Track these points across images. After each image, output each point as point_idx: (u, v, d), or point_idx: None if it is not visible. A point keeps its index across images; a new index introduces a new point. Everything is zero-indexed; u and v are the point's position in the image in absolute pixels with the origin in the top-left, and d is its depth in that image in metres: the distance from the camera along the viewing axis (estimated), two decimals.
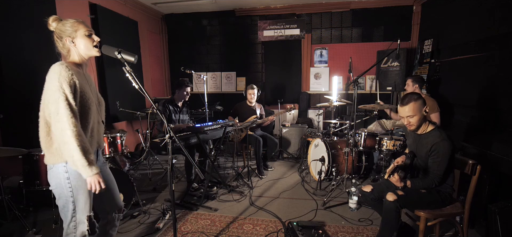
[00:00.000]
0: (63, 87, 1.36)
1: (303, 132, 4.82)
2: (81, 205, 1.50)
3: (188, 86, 3.45)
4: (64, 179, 1.46)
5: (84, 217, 1.51)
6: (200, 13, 5.78)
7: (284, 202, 3.13)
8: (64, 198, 1.48)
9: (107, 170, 1.74)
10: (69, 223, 1.51)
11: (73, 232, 1.52)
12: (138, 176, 3.97)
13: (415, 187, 1.99)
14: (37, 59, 3.15)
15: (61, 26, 1.48)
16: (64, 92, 1.36)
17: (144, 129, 4.50)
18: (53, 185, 1.49)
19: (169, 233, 2.50)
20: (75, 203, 1.49)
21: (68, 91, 1.36)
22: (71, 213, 1.49)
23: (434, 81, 4.09)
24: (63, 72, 1.37)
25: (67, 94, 1.36)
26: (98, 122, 1.59)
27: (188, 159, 1.91)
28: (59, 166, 1.46)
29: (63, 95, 1.35)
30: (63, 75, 1.37)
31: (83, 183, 1.47)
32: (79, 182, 1.47)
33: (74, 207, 1.49)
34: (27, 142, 2.71)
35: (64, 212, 1.51)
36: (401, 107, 2.00)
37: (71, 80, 1.39)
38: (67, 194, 1.47)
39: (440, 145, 1.90)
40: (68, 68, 1.40)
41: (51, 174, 1.49)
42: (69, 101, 1.36)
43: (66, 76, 1.37)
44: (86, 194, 1.50)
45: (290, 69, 5.77)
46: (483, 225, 2.32)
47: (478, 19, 3.28)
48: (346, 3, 5.19)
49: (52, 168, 1.48)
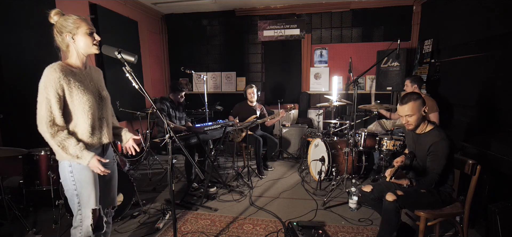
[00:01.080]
0: (47, 91, 1.41)
1: (303, 132, 4.82)
2: (85, 198, 1.56)
3: (182, 90, 3.52)
4: (68, 173, 1.53)
5: (88, 211, 1.57)
6: (200, 13, 5.77)
7: (284, 202, 3.13)
8: (70, 191, 1.56)
9: (113, 167, 1.80)
10: (76, 215, 1.59)
11: (79, 225, 1.59)
12: (138, 176, 3.97)
13: (415, 186, 1.99)
14: (37, 59, 3.15)
15: (63, 20, 1.48)
16: (47, 97, 1.41)
17: (144, 129, 4.50)
18: (61, 179, 1.58)
19: (169, 233, 2.50)
20: (79, 196, 1.55)
21: (51, 95, 1.41)
22: (77, 206, 1.57)
23: (434, 81, 4.09)
24: (50, 75, 1.41)
25: (50, 98, 1.41)
26: (99, 118, 1.60)
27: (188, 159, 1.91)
28: (64, 162, 1.53)
29: (46, 99, 1.41)
30: (49, 78, 1.41)
31: (86, 177, 1.54)
32: (82, 176, 1.53)
33: (79, 201, 1.56)
34: (27, 142, 2.71)
35: (71, 205, 1.59)
36: (401, 106, 2.01)
37: (57, 83, 1.42)
38: (72, 188, 1.54)
39: (438, 144, 1.90)
40: (56, 70, 1.42)
41: (60, 169, 1.57)
42: (51, 105, 1.42)
43: (52, 79, 1.40)
44: (89, 188, 1.56)
45: (290, 69, 5.77)
46: (483, 225, 2.32)
47: (478, 19, 3.28)
48: (346, 3, 5.19)
49: (60, 163, 1.56)
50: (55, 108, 1.42)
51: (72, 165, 1.52)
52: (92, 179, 1.57)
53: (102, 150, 1.68)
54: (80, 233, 1.59)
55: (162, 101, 3.44)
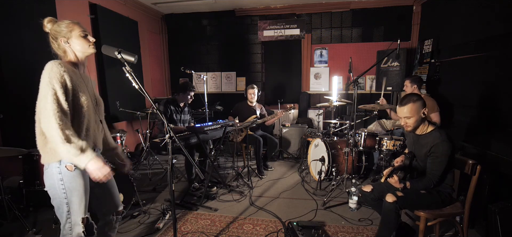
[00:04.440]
0: (52, 83, 1.36)
1: (303, 132, 4.82)
2: (75, 207, 1.48)
3: (192, 91, 3.47)
4: (57, 180, 1.44)
5: (79, 219, 1.49)
6: (200, 13, 5.78)
7: (284, 202, 3.13)
8: (58, 199, 1.47)
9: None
10: (64, 224, 1.50)
11: (69, 233, 1.51)
12: (138, 176, 3.97)
13: (414, 187, 1.99)
14: (37, 59, 3.10)
15: (56, 27, 1.49)
16: (53, 88, 1.35)
17: (144, 129, 4.50)
18: (48, 186, 1.48)
19: (169, 233, 2.50)
20: (69, 205, 1.47)
21: (57, 87, 1.36)
22: (66, 214, 1.48)
23: (434, 81, 4.09)
24: (54, 68, 1.38)
25: (56, 89, 1.36)
26: (95, 121, 1.59)
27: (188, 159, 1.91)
28: (53, 166, 1.44)
29: (52, 90, 1.35)
30: (54, 71, 1.37)
31: (77, 185, 1.47)
32: (72, 184, 1.46)
33: (69, 209, 1.47)
34: (27, 142, 2.70)
35: (59, 213, 1.50)
36: (399, 108, 2.01)
37: (62, 77, 1.39)
38: (61, 195, 1.45)
39: (439, 146, 1.89)
40: (60, 65, 1.40)
41: (46, 174, 1.48)
42: (57, 96, 1.36)
43: (57, 72, 1.38)
44: (80, 195, 1.49)
45: (290, 69, 5.77)
46: (483, 225, 2.32)
47: (478, 19, 3.28)
48: (346, 3, 5.19)
49: (47, 168, 1.47)
50: (62, 100, 1.37)
51: (62, 172, 1.43)
52: (83, 187, 1.50)
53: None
54: None
55: (166, 105, 3.40)
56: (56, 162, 1.44)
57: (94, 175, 1.44)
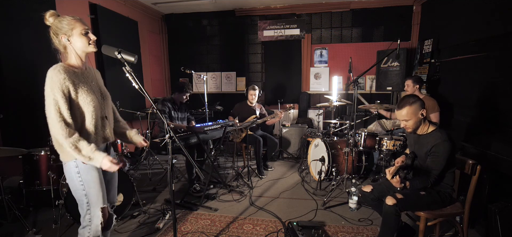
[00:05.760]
0: (53, 93, 1.41)
1: (303, 132, 4.82)
2: (93, 198, 1.57)
3: (188, 92, 3.49)
4: (75, 173, 1.53)
5: (97, 210, 1.59)
6: (200, 13, 5.78)
7: (284, 202, 3.13)
8: (78, 191, 1.57)
9: None
10: (84, 215, 1.60)
11: (88, 224, 1.60)
12: (138, 176, 3.97)
13: (413, 187, 1.99)
14: (37, 59, 3.15)
15: (58, 22, 1.50)
16: (54, 98, 1.41)
17: (144, 129, 4.50)
18: (68, 180, 1.59)
19: (169, 233, 2.50)
20: (88, 196, 1.56)
21: (58, 97, 1.41)
22: (86, 205, 1.58)
23: (434, 81, 4.09)
24: (55, 77, 1.42)
25: (58, 99, 1.41)
26: (101, 118, 1.61)
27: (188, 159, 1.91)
28: (71, 163, 1.53)
29: (53, 101, 1.41)
30: (54, 80, 1.41)
31: (93, 177, 1.56)
32: (88, 176, 1.55)
33: (88, 200, 1.57)
34: (27, 142, 2.71)
35: (80, 205, 1.60)
36: (397, 111, 2.02)
37: (63, 84, 1.42)
38: (79, 188, 1.55)
39: (440, 146, 1.89)
40: (60, 71, 1.43)
41: (65, 169, 1.58)
42: (59, 106, 1.42)
43: (57, 81, 1.41)
44: (97, 187, 1.57)
45: (290, 69, 5.77)
46: (483, 225, 2.33)
47: (478, 19, 3.28)
48: (346, 3, 5.19)
49: (65, 164, 1.56)
50: (63, 109, 1.43)
51: (79, 166, 1.52)
52: (98, 178, 1.58)
53: (105, 148, 1.69)
54: (89, 232, 1.61)
55: (164, 103, 3.41)
56: (72, 159, 1.53)
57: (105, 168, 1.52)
